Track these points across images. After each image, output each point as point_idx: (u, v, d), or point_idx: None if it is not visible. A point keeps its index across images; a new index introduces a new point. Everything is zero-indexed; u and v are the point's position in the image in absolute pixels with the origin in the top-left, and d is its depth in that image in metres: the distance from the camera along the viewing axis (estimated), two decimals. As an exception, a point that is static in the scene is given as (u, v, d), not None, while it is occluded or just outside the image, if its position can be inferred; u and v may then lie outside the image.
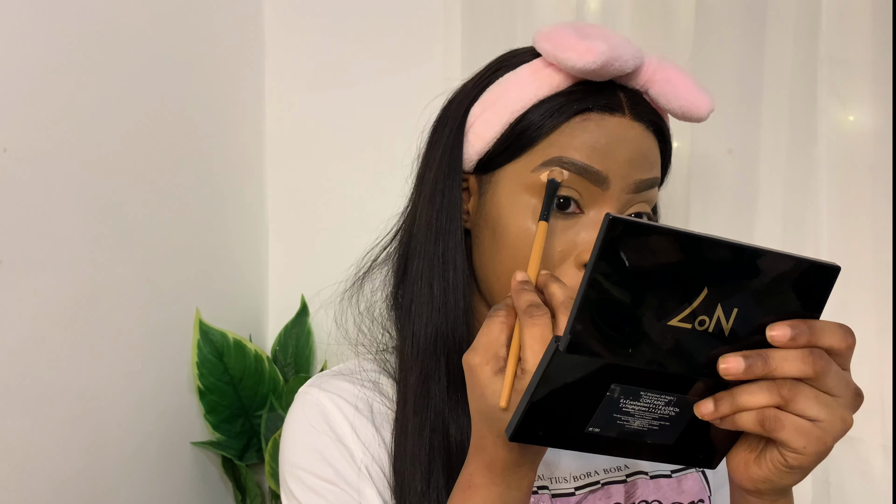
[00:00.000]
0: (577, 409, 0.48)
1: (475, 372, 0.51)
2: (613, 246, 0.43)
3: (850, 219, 1.01)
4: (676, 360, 0.46)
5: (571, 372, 0.46)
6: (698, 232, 0.44)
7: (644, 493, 0.66)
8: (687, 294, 0.44)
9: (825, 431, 0.45)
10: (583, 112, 0.60)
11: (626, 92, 0.62)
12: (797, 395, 0.45)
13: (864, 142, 0.99)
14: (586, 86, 0.61)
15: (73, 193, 0.94)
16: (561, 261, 0.59)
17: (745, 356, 0.45)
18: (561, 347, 0.45)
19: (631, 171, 0.60)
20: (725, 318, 0.45)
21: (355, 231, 0.74)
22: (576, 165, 0.59)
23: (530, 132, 0.61)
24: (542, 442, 0.49)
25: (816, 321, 0.46)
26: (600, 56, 0.57)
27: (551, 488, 0.64)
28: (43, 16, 0.89)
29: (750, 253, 0.44)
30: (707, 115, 0.63)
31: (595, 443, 0.50)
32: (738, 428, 0.47)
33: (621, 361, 0.45)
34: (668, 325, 0.45)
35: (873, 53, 0.98)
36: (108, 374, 1.01)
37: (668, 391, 0.48)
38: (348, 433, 0.63)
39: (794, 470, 0.47)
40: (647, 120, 0.62)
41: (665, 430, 0.50)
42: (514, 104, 0.61)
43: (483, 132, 0.63)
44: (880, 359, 0.98)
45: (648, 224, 0.43)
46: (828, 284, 0.46)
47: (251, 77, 1.32)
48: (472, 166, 0.64)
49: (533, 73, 0.62)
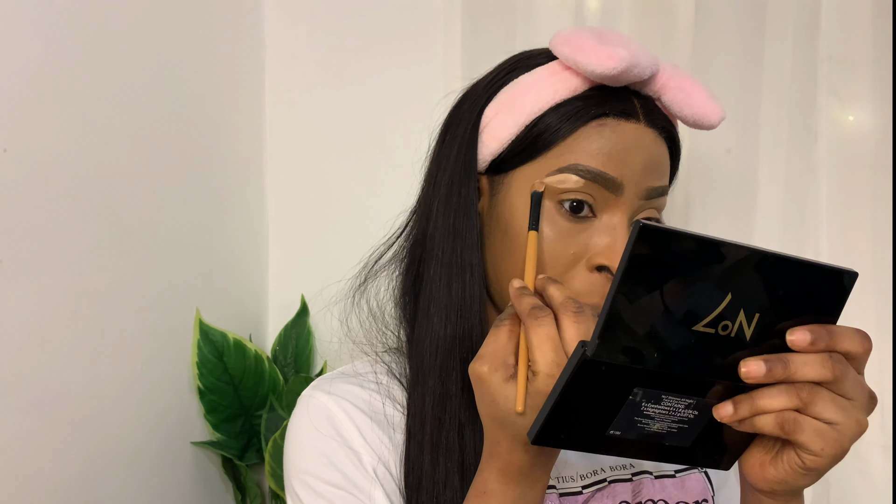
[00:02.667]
0: (600, 413, 0.48)
1: (485, 380, 0.51)
2: (642, 252, 0.43)
3: (850, 219, 1.01)
4: (699, 365, 0.47)
5: (596, 377, 0.46)
6: (724, 238, 0.45)
7: (650, 493, 0.66)
8: (712, 300, 0.45)
9: (842, 434, 0.46)
10: (600, 117, 0.60)
11: (640, 98, 0.62)
12: (816, 399, 0.45)
13: (864, 142, 0.99)
14: (602, 91, 0.61)
15: (73, 193, 0.94)
16: (573, 264, 0.60)
17: (766, 360, 0.45)
18: (588, 353, 0.45)
19: (644, 178, 0.60)
20: (748, 323, 0.46)
21: (355, 231, 0.74)
22: (591, 172, 0.59)
23: (547, 135, 0.60)
24: (564, 445, 0.50)
25: (835, 326, 0.47)
26: (621, 62, 0.58)
27: (559, 487, 0.64)
28: (43, 16, 0.89)
29: (773, 259, 0.45)
30: (718, 123, 0.64)
31: (615, 445, 0.50)
32: (756, 430, 0.47)
33: (646, 366, 0.46)
34: (692, 329, 0.45)
35: (873, 53, 0.98)
36: (108, 374, 1.01)
37: (688, 394, 0.49)
38: (355, 436, 0.63)
39: (810, 472, 0.48)
40: (660, 126, 0.62)
41: (683, 432, 0.50)
42: (531, 106, 0.61)
43: (498, 133, 0.63)
44: (880, 359, 0.98)
45: (678, 231, 0.44)
46: (845, 290, 0.47)
47: (251, 77, 1.32)
48: (484, 166, 0.64)
49: (550, 75, 0.62)
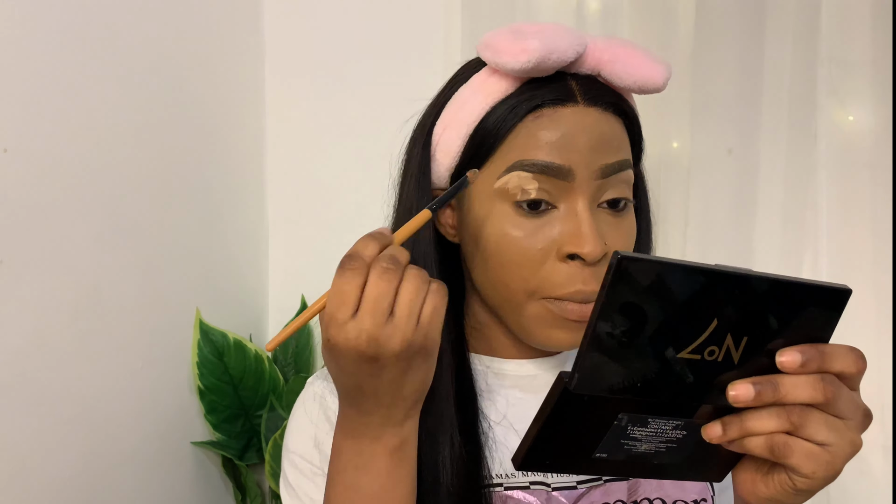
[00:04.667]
0: (585, 439, 0.48)
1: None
2: (621, 283, 0.42)
3: (850, 219, 1.01)
4: (685, 390, 0.46)
5: (579, 406, 0.46)
6: (705, 264, 0.44)
7: (646, 491, 0.66)
8: (696, 327, 0.44)
9: (834, 455, 0.45)
10: (534, 110, 0.60)
11: (578, 79, 0.62)
12: (807, 421, 0.44)
13: (864, 142, 0.99)
14: (534, 83, 0.61)
15: (73, 193, 0.94)
16: (545, 258, 0.60)
17: (755, 382, 0.44)
18: (570, 386, 0.44)
19: (595, 158, 0.59)
20: (735, 347, 0.45)
21: (355, 231, 0.74)
22: (536, 165, 0.59)
23: (488, 140, 0.61)
24: (551, 469, 0.49)
25: (827, 346, 0.45)
26: (534, 54, 0.58)
27: (552, 483, 0.64)
28: (43, 16, 0.89)
29: (758, 282, 0.44)
30: (664, 83, 0.62)
31: (602, 466, 0.50)
32: (746, 451, 0.46)
33: (629, 396, 0.45)
34: (677, 357, 0.44)
35: (873, 53, 0.98)
36: (108, 374, 1.01)
37: (675, 416, 0.48)
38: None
39: (801, 493, 0.47)
40: (603, 103, 0.61)
41: (672, 451, 0.50)
42: (468, 116, 0.62)
43: (447, 149, 0.64)
44: (880, 359, 0.98)
45: (656, 259, 0.43)
46: (838, 308, 0.45)
47: (251, 77, 1.32)
48: (446, 182, 0.65)
49: (482, 81, 0.62)
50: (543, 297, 0.60)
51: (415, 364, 0.52)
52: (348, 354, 0.49)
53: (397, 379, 0.51)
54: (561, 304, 0.59)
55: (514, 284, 0.60)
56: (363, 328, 0.49)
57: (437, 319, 0.51)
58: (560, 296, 0.59)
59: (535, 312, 0.61)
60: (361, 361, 0.50)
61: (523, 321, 0.62)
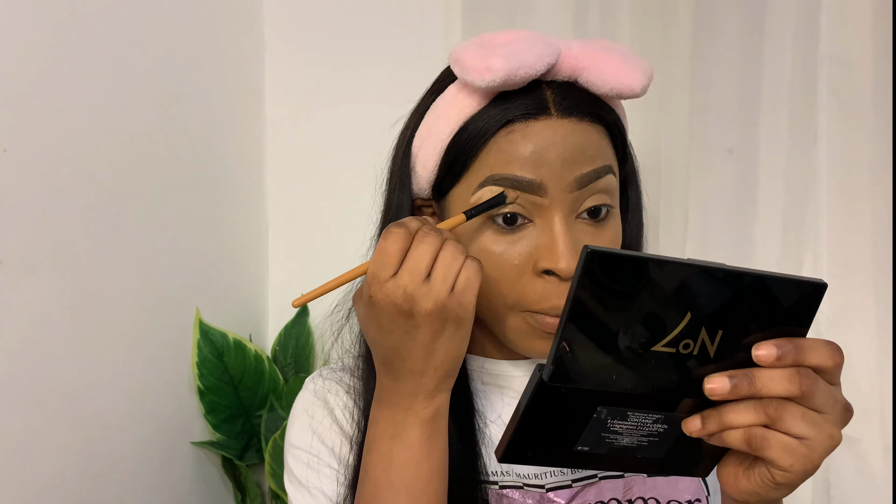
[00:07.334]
0: (565, 431, 0.49)
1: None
2: (592, 277, 0.43)
3: (850, 219, 1.00)
4: (661, 383, 0.46)
5: (556, 399, 0.46)
6: (677, 258, 0.44)
7: (641, 491, 0.66)
8: (669, 320, 0.44)
9: (812, 449, 0.45)
10: (506, 125, 0.59)
11: (554, 87, 0.60)
12: (784, 414, 0.45)
13: (864, 142, 0.99)
14: (507, 96, 0.59)
15: (73, 193, 0.94)
16: (521, 273, 0.60)
17: (731, 376, 0.45)
18: (545, 378, 0.45)
19: (568, 171, 0.58)
20: (710, 341, 0.45)
21: (355, 231, 0.75)
22: (507, 179, 0.58)
23: (462, 157, 0.61)
24: (532, 462, 0.50)
25: (803, 339, 0.46)
26: (498, 73, 0.57)
27: (546, 483, 0.64)
28: (43, 16, 0.89)
29: (731, 276, 0.44)
30: (642, 89, 0.60)
31: (585, 460, 0.50)
32: (725, 445, 0.47)
33: (605, 388, 0.46)
34: (651, 350, 0.45)
35: (873, 53, 0.98)
36: (108, 374, 1.01)
37: (655, 410, 0.48)
38: (343, 416, 0.66)
39: (780, 486, 0.47)
40: (579, 112, 0.60)
41: (654, 444, 0.50)
42: (442, 132, 0.62)
43: (425, 162, 0.64)
44: (880, 359, 0.98)
45: (625, 254, 0.43)
46: (814, 301, 0.46)
47: (251, 77, 1.32)
48: (428, 194, 0.65)
49: (455, 94, 0.62)
50: (523, 311, 0.60)
51: (447, 331, 0.54)
52: (387, 309, 0.53)
53: (429, 343, 0.54)
54: (539, 318, 0.60)
55: (494, 299, 0.61)
56: (400, 284, 0.52)
57: (470, 289, 0.54)
58: (537, 310, 0.60)
59: (516, 325, 0.61)
60: (397, 316, 0.53)
61: (506, 332, 0.62)
